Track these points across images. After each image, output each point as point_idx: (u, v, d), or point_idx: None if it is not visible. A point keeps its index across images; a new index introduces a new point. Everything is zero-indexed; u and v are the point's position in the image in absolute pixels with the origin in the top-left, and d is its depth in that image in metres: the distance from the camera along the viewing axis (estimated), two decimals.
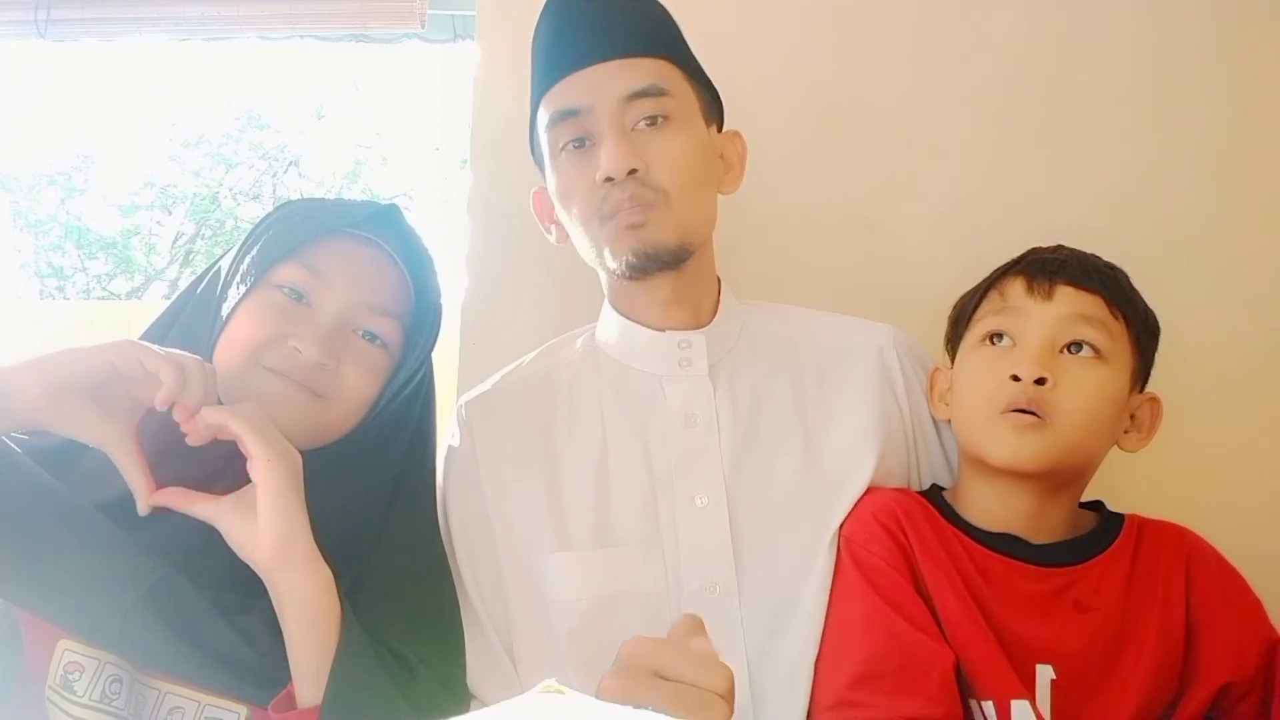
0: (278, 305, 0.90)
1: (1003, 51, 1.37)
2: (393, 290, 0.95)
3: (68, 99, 6.80)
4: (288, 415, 0.87)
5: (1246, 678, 0.90)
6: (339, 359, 0.90)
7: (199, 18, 1.98)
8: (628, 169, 0.96)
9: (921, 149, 1.36)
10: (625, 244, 0.98)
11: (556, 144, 1.01)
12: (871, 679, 0.90)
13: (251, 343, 0.89)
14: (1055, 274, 0.95)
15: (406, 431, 0.99)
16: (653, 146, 0.98)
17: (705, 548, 0.98)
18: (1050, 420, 0.91)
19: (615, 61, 0.99)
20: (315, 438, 0.91)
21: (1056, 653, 0.90)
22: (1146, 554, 0.95)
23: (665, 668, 0.66)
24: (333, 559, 0.85)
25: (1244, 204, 1.32)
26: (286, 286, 0.91)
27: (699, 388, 1.03)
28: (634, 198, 0.97)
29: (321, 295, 0.91)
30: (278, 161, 6.99)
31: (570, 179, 1.00)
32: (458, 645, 0.96)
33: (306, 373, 0.89)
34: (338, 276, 0.92)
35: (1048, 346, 0.93)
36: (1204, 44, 1.35)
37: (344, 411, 0.92)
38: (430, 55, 6.78)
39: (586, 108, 0.99)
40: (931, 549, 0.94)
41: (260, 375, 0.89)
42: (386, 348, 0.94)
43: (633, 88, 0.98)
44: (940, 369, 1.05)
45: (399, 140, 7.08)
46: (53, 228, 6.71)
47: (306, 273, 0.91)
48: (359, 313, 0.92)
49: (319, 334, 0.89)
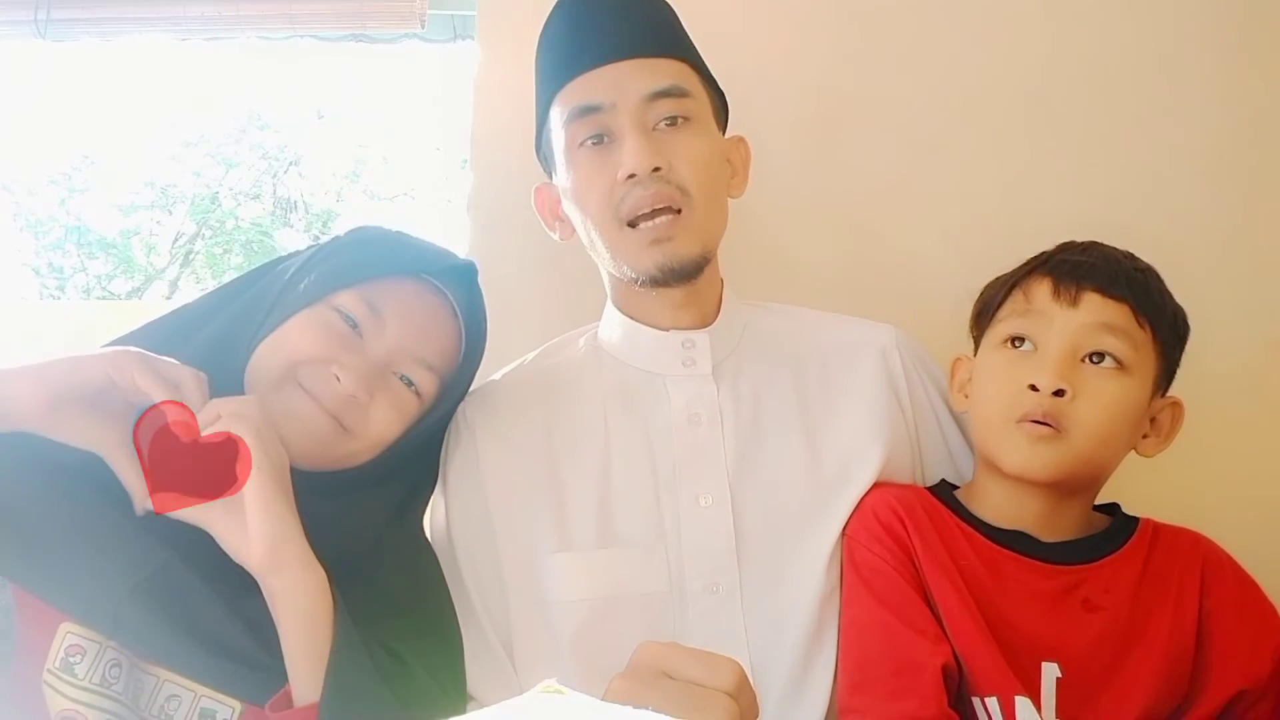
0: (331, 326, 0.92)
1: (1006, 51, 1.37)
2: (443, 345, 0.97)
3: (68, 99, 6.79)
4: (308, 438, 0.89)
5: (1260, 684, 0.89)
6: (372, 395, 0.92)
7: (199, 18, 1.97)
8: (652, 166, 0.95)
9: (923, 149, 1.36)
10: (650, 258, 0.97)
11: (574, 139, 1.00)
12: (867, 684, 0.90)
13: (297, 355, 0.90)
14: (1083, 279, 0.93)
15: (420, 463, 1.01)
16: (674, 146, 0.98)
17: (708, 547, 0.98)
18: (1066, 432, 0.90)
19: (637, 60, 0.99)
20: (328, 464, 0.92)
21: (1063, 650, 0.90)
22: (1160, 557, 0.94)
23: (673, 668, 0.67)
24: (331, 571, 0.85)
25: (1252, 205, 1.32)
26: (344, 312, 0.92)
27: (703, 387, 1.03)
28: (657, 195, 0.96)
29: (373, 332, 0.93)
30: (278, 161, 6.98)
31: (587, 175, 0.99)
32: (455, 645, 0.96)
33: (339, 402, 0.90)
34: (393, 319, 0.93)
35: (1069, 355, 0.91)
36: (1208, 43, 1.35)
37: (364, 446, 0.93)
38: (430, 55, 6.78)
39: (608, 104, 0.98)
40: (932, 546, 0.94)
41: (293, 390, 0.90)
42: (420, 395, 0.96)
43: (655, 87, 0.98)
44: (962, 359, 1.04)
45: (399, 140, 7.08)
46: (53, 228, 6.71)
47: (365, 308, 0.93)
48: (404, 359, 0.94)
49: (361, 369, 0.91)
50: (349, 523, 0.93)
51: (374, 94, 7.05)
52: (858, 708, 0.89)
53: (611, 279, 1.07)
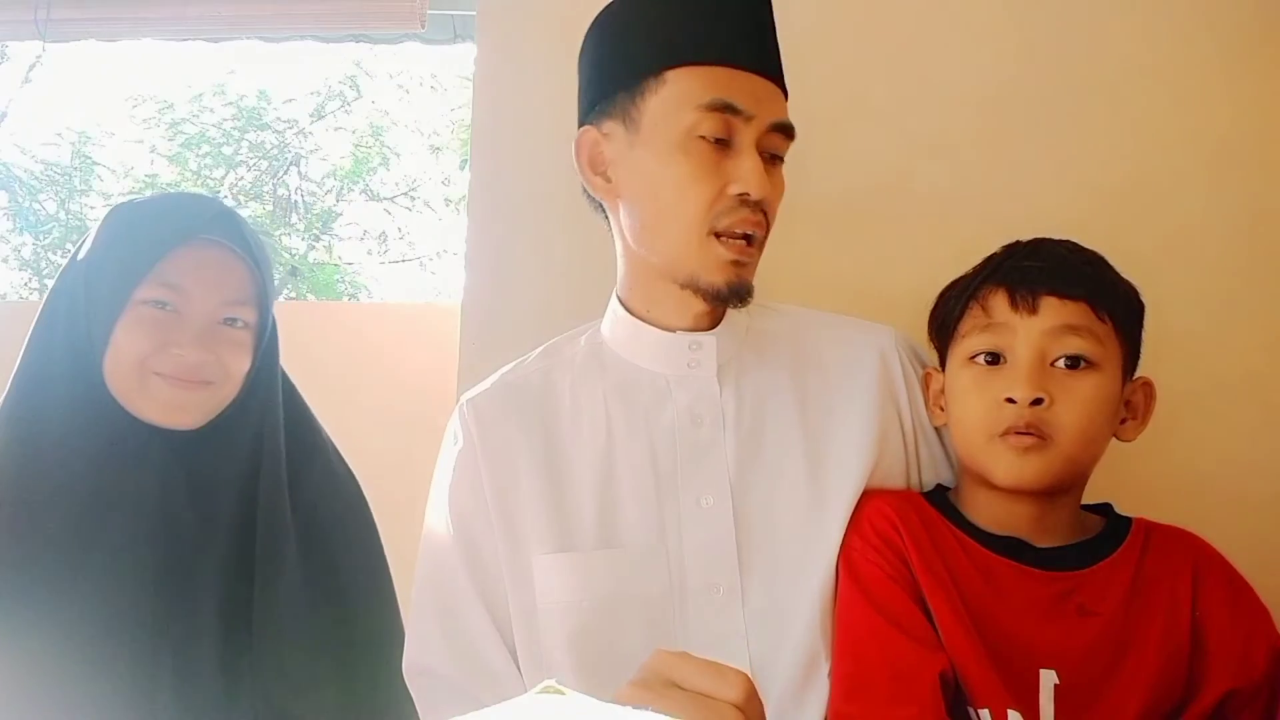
0: (151, 319, 1.04)
1: (1006, 51, 1.37)
2: (241, 280, 1.08)
3: (68, 99, 6.79)
4: (183, 411, 1.05)
5: (1253, 684, 0.89)
6: (215, 351, 1.05)
7: (199, 18, 1.97)
8: (765, 195, 0.96)
9: (923, 149, 1.35)
10: (725, 274, 0.97)
11: (697, 129, 0.95)
12: (863, 691, 0.90)
13: (138, 355, 1.03)
14: (1037, 284, 0.93)
15: (276, 374, 1.15)
16: (774, 179, 0.98)
17: (709, 548, 0.97)
18: (1051, 439, 0.91)
19: (774, 83, 0.99)
20: (211, 414, 1.07)
21: (1060, 658, 0.90)
22: (1153, 559, 0.94)
23: (683, 678, 0.67)
24: (239, 526, 1.03)
25: (1245, 204, 1.32)
26: (152, 302, 1.04)
27: (706, 388, 1.03)
28: (755, 222, 0.97)
29: (185, 303, 1.05)
30: (278, 161, 6.99)
31: (695, 173, 0.95)
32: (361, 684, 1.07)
33: (192, 370, 1.04)
34: (194, 286, 1.05)
35: (1038, 363, 0.92)
36: (1210, 43, 1.35)
37: (231, 388, 1.08)
38: (430, 55, 6.78)
39: (752, 115, 0.95)
40: (927, 555, 0.94)
41: (154, 382, 1.03)
42: (248, 326, 1.09)
43: (781, 119, 0.98)
44: (932, 372, 1.04)
45: (399, 140, 7.08)
46: (53, 228, 6.71)
47: (165, 289, 1.04)
48: (220, 309, 1.06)
49: (193, 338, 1.04)
50: (244, 469, 1.08)
51: (374, 94, 7.05)
52: (853, 714, 0.89)
53: (636, 275, 1.04)
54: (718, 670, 0.67)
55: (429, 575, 1.04)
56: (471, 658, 0.99)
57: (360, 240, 7.06)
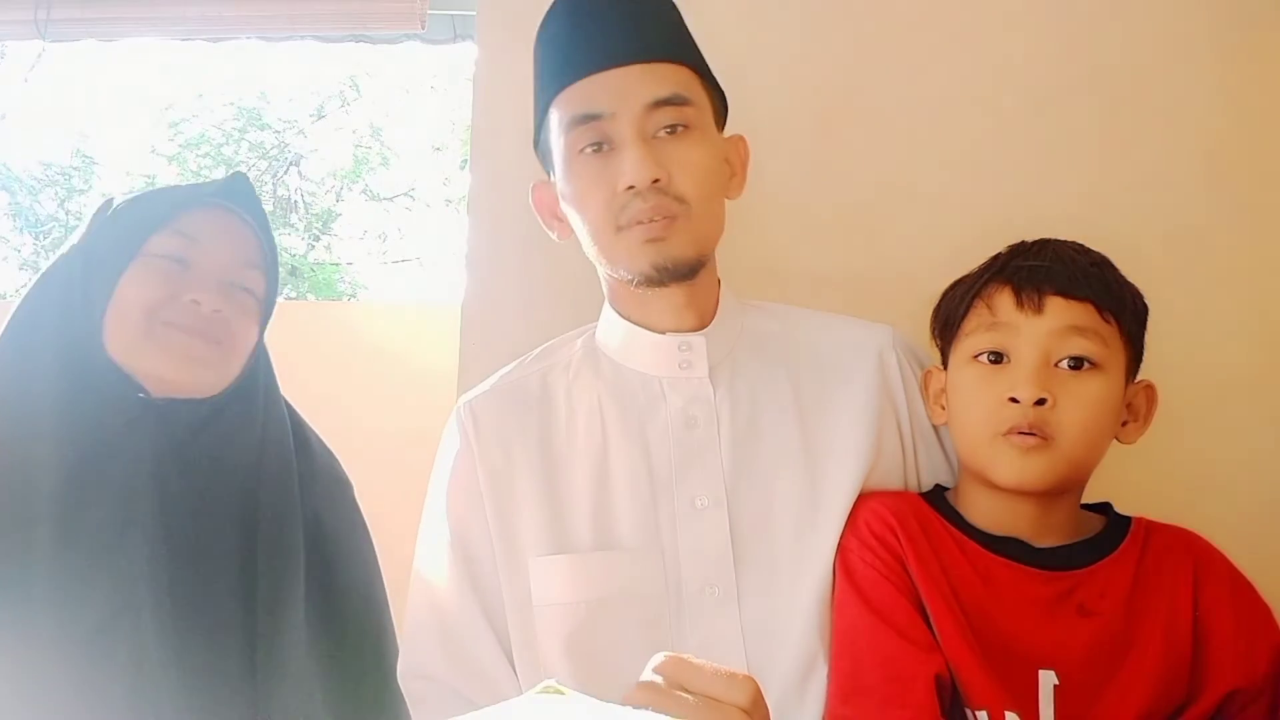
0: (164, 270, 1.00)
1: (1006, 51, 1.37)
2: (252, 248, 1.07)
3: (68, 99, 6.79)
4: (195, 364, 0.99)
5: (1255, 684, 0.89)
6: (230, 306, 1.02)
7: (199, 18, 1.97)
8: (651, 179, 0.95)
9: (922, 149, 1.35)
10: (645, 257, 0.97)
11: (574, 146, 0.99)
12: (859, 692, 0.90)
13: (148, 303, 0.98)
14: (1043, 284, 0.93)
15: (272, 369, 1.12)
16: (674, 155, 0.97)
17: (705, 550, 0.97)
18: (1053, 439, 0.91)
19: (638, 66, 0.98)
20: (213, 384, 1.01)
21: (1059, 658, 0.89)
22: (1153, 558, 0.94)
23: (689, 682, 0.67)
24: (239, 516, 0.98)
25: (1245, 203, 1.32)
26: (165, 255, 1.00)
27: (699, 389, 1.03)
28: (656, 208, 0.95)
29: (202, 257, 1.02)
30: (278, 161, 6.98)
31: (587, 184, 0.99)
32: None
33: (206, 322, 0.99)
34: (211, 240, 1.03)
35: (1043, 363, 0.92)
36: (1209, 43, 1.35)
37: (237, 358, 1.04)
38: (430, 55, 6.77)
39: (609, 113, 0.97)
40: (924, 557, 0.93)
41: (162, 330, 0.98)
42: (255, 296, 1.07)
43: (656, 95, 0.97)
44: (933, 371, 1.04)
45: (399, 140, 7.07)
46: (53, 228, 6.71)
47: (182, 240, 1.01)
48: (236, 269, 1.04)
49: (212, 287, 1.01)
50: (247, 454, 1.02)
51: (374, 94, 7.05)
52: (849, 717, 0.89)
53: (610, 282, 1.07)
54: (724, 675, 0.68)
55: (425, 577, 1.04)
56: (467, 661, 0.99)
57: (360, 240, 7.05)
